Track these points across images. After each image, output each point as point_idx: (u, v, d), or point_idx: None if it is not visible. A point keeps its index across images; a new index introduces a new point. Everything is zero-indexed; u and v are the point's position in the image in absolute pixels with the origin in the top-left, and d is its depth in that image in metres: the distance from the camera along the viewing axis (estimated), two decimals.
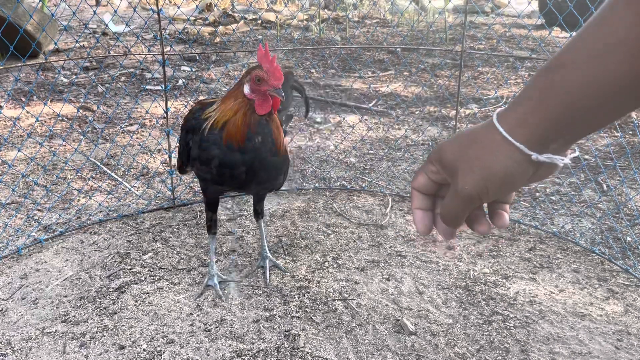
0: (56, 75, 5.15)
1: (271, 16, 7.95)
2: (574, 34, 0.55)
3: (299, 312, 1.99)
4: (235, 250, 2.41)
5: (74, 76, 5.14)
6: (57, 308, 2.01)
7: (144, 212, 2.71)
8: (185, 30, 6.92)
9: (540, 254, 2.40)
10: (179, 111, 4.16)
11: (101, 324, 1.92)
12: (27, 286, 2.14)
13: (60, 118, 4.00)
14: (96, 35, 6.69)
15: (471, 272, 2.26)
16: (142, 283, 2.16)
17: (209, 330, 1.90)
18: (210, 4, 8.77)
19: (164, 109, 2.63)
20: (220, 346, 1.83)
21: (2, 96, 4.52)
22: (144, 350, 1.81)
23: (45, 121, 3.99)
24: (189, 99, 4.25)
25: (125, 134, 3.76)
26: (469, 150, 0.60)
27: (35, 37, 5.08)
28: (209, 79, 5.19)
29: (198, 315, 1.98)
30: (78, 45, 6.34)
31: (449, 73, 5.33)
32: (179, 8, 3.40)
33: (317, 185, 3.04)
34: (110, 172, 3.15)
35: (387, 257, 2.36)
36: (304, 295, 2.09)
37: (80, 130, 3.77)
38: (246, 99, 1.75)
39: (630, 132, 3.79)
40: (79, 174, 3.08)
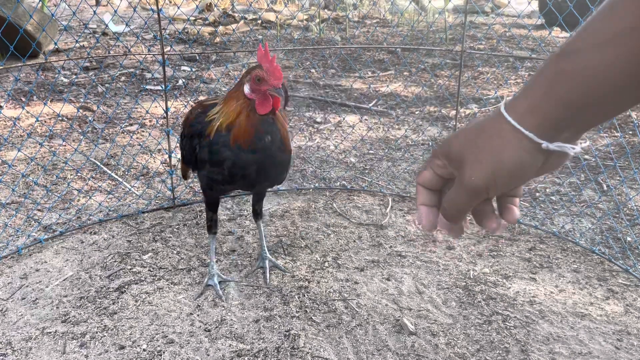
0: (56, 75, 5.15)
1: (271, 16, 7.95)
2: (585, 22, 0.54)
3: (299, 312, 1.99)
4: (235, 250, 2.41)
5: (74, 76, 5.14)
6: (57, 308, 2.01)
7: (144, 212, 2.71)
8: (185, 30, 6.92)
9: (540, 254, 2.40)
10: (179, 111, 4.16)
11: (101, 324, 1.92)
12: (27, 286, 2.14)
13: (60, 118, 4.00)
14: (96, 35, 6.69)
15: (471, 272, 2.26)
16: (142, 283, 2.16)
17: (209, 330, 1.90)
18: (210, 4, 8.77)
19: (164, 109, 2.63)
20: (220, 346, 1.83)
21: (2, 96, 4.52)
22: (144, 350, 1.81)
23: (45, 121, 3.99)
24: (189, 99, 4.25)
25: (125, 134, 3.76)
26: (477, 141, 0.58)
27: (35, 37, 5.08)
28: (209, 79, 5.19)
29: (198, 315, 1.98)
30: (78, 45, 6.34)
31: (449, 73, 5.33)
32: (179, 8, 3.40)
33: (317, 185, 3.04)
34: (110, 172, 3.15)
35: (387, 257, 2.36)
36: (304, 295, 2.09)
37: (80, 130, 3.77)
38: (247, 99, 1.76)
39: (630, 132, 3.79)
40: (79, 174, 3.08)
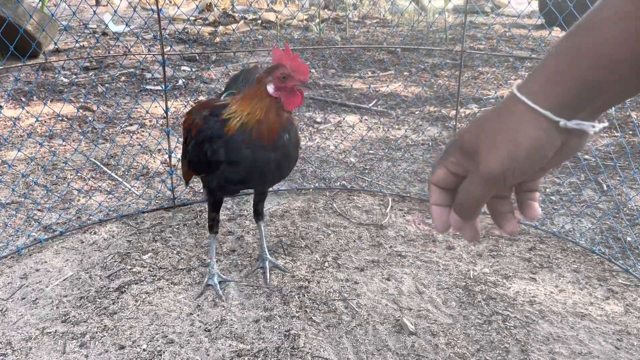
0: (56, 75, 5.15)
1: (271, 16, 7.95)
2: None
3: (299, 312, 1.99)
4: (235, 250, 2.41)
5: (74, 76, 5.14)
6: (57, 308, 2.01)
7: (144, 212, 2.71)
8: (185, 30, 6.92)
9: (540, 254, 2.40)
10: (179, 111, 4.16)
11: (101, 324, 1.92)
12: (27, 286, 2.14)
13: (60, 118, 4.00)
14: (96, 35, 6.69)
15: (471, 272, 2.26)
16: (142, 283, 2.16)
17: (209, 330, 1.90)
18: (210, 4, 8.77)
19: (164, 109, 2.63)
20: (220, 346, 1.83)
21: (2, 96, 4.52)
22: (144, 350, 1.81)
23: (45, 121, 3.99)
24: (189, 99, 4.25)
25: (125, 134, 3.76)
26: (491, 127, 0.55)
27: (35, 37, 5.08)
28: (209, 79, 5.19)
29: (198, 315, 1.98)
30: (78, 45, 6.34)
31: (449, 73, 5.33)
32: (179, 8, 3.40)
33: (317, 185, 3.04)
34: (110, 172, 3.15)
35: (387, 257, 2.36)
36: (304, 295, 2.09)
37: (80, 130, 3.77)
38: (272, 98, 1.80)
39: (630, 132, 3.79)
40: (79, 174, 3.08)
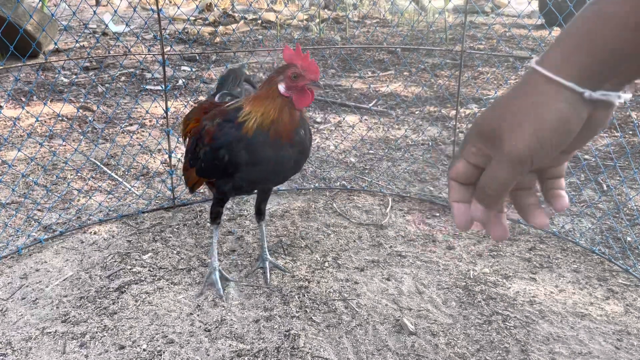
0: (56, 75, 5.15)
1: (271, 16, 7.95)
2: None
3: (299, 312, 1.99)
4: (235, 250, 2.41)
5: (74, 76, 5.14)
6: (57, 308, 2.01)
7: (144, 212, 2.71)
8: (185, 30, 6.92)
9: (540, 254, 2.40)
10: (179, 111, 4.16)
11: (101, 324, 1.92)
12: (27, 286, 2.14)
13: (60, 118, 4.00)
14: (96, 35, 6.69)
15: (471, 272, 2.26)
16: (142, 283, 2.16)
17: (209, 330, 1.90)
18: (210, 4, 8.77)
19: (164, 109, 2.63)
20: (220, 346, 1.83)
21: (2, 96, 4.52)
22: (144, 350, 1.81)
23: (45, 121, 3.99)
24: (189, 99, 4.25)
25: (125, 134, 3.76)
26: (512, 106, 0.53)
27: (35, 37, 5.08)
28: (209, 79, 5.19)
29: (198, 315, 1.98)
30: (78, 45, 6.34)
31: (449, 73, 5.33)
32: (179, 8, 3.40)
33: (317, 185, 3.04)
34: (110, 172, 3.15)
35: (387, 257, 2.36)
36: (304, 295, 2.09)
37: (80, 130, 3.77)
38: (284, 97, 1.81)
39: (630, 132, 3.79)
40: (79, 174, 3.08)
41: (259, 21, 7.81)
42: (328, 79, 5.16)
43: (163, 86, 2.71)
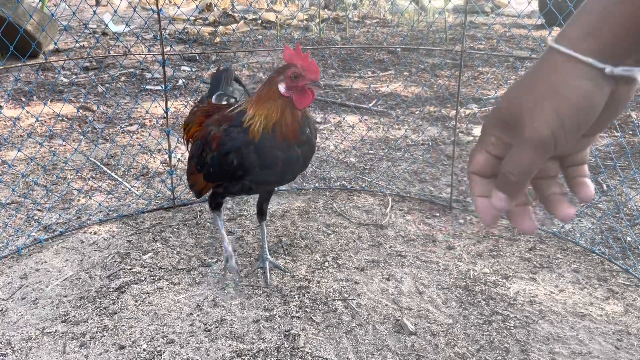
0: (56, 75, 5.15)
1: (271, 16, 7.95)
2: None
3: (299, 312, 1.99)
4: (235, 250, 2.41)
5: (74, 76, 5.14)
6: (57, 308, 2.01)
7: (144, 212, 2.71)
8: (185, 30, 6.92)
9: (540, 254, 2.40)
10: (179, 111, 4.16)
11: (101, 324, 1.92)
12: (27, 286, 2.14)
13: (60, 118, 4.00)
14: (96, 35, 6.69)
15: (471, 272, 2.26)
16: (142, 283, 2.16)
17: (209, 330, 1.90)
18: (210, 4, 8.77)
19: (164, 109, 2.63)
20: (220, 346, 1.83)
21: (2, 96, 4.52)
22: (144, 350, 1.81)
23: (45, 121, 3.99)
24: (189, 99, 4.25)
25: (125, 134, 3.76)
26: (531, 88, 0.51)
27: (35, 37, 5.08)
28: (209, 79, 5.19)
29: (198, 315, 1.98)
30: (78, 45, 6.34)
31: (449, 73, 5.33)
32: (179, 8, 3.40)
33: (317, 185, 3.04)
34: (110, 172, 3.15)
35: (387, 257, 2.36)
36: (304, 295, 2.09)
37: (80, 130, 3.77)
38: (285, 97, 1.81)
39: (630, 132, 3.79)
40: (79, 174, 3.08)
41: (259, 21, 7.81)
42: (328, 79, 5.16)
43: (163, 86, 2.71)
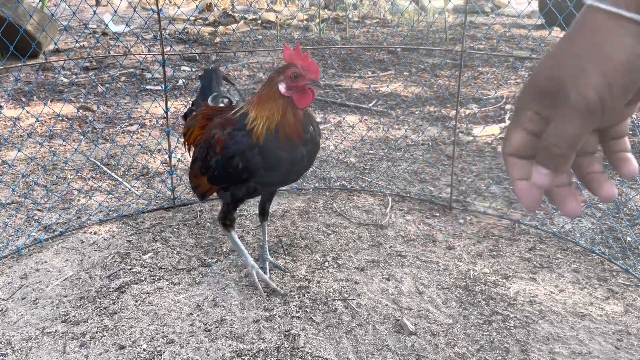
0: (56, 75, 5.15)
1: (271, 16, 7.95)
2: None
3: (299, 312, 1.99)
4: (235, 250, 2.41)
5: (74, 76, 5.14)
6: (57, 308, 2.01)
7: (144, 212, 2.71)
8: (185, 30, 6.92)
9: (540, 254, 2.40)
10: (179, 111, 4.16)
11: (101, 324, 1.92)
12: (27, 286, 2.14)
13: (60, 118, 4.00)
14: (96, 35, 6.69)
15: (471, 272, 2.26)
16: (142, 283, 2.16)
17: (209, 330, 1.90)
18: (210, 4, 8.77)
19: (164, 109, 2.63)
20: (220, 346, 1.83)
21: (2, 96, 4.52)
22: (144, 350, 1.81)
23: (45, 121, 3.99)
24: (188, 99, 4.25)
25: (125, 134, 3.76)
26: (571, 52, 0.47)
27: (35, 37, 5.08)
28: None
29: (198, 315, 1.98)
30: (78, 45, 6.34)
31: (449, 73, 5.33)
32: (179, 8, 3.40)
33: (317, 185, 3.04)
34: (110, 172, 3.15)
35: (387, 257, 2.36)
36: (304, 295, 2.09)
37: (80, 130, 3.77)
38: (285, 97, 1.81)
39: (630, 132, 3.79)
40: (79, 174, 3.08)
41: (259, 21, 7.81)
42: (328, 79, 5.16)
43: (163, 86, 2.71)
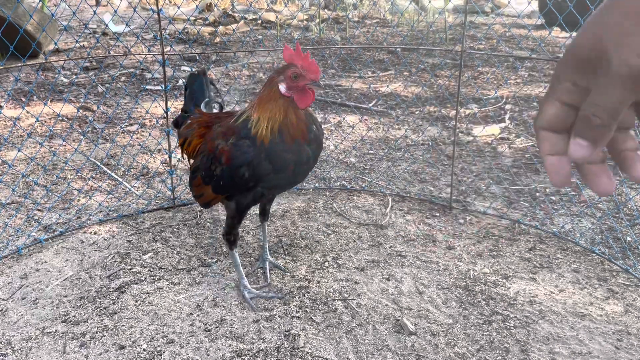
0: (56, 75, 5.15)
1: (271, 16, 7.95)
2: None
3: (299, 312, 1.99)
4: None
5: (74, 76, 5.14)
6: (57, 308, 2.01)
7: (144, 212, 2.71)
8: (185, 30, 6.92)
9: (540, 254, 2.40)
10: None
11: (101, 324, 1.92)
12: (27, 286, 2.14)
13: (60, 118, 4.00)
14: (96, 35, 6.69)
15: (471, 272, 2.26)
16: (142, 283, 2.16)
17: (209, 330, 1.90)
18: (210, 4, 8.77)
19: (164, 109, 2.63)
20: (220, 346, 1.83)
21: (2, 96, 4.52)
22: (144, 350, 1.81)
23: (45, 121, 3.99)
24: None
25: (125, 134, 3.76)
26: (614, 17, 0.45)
27: (35, 37, 5.08)
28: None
29: (198, 315, 1.98)
30: (78, 45, 6.34)
31: (449, 73, 5.33)
32: (179, 8, 3.40)
33: (317, 185, 3.04)
34: (110, 172, 3.15)
35: (387, 257, 2.36)
36: (304, 295, 2.09)
37: (80, 130, 3.77)
38: (285, 97, 1.81)
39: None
40: (79, 174, 3.08)
41: (259, 21, 7.81)
42: (328, 79, 5.16)
43: (163, 86, 2.71)
